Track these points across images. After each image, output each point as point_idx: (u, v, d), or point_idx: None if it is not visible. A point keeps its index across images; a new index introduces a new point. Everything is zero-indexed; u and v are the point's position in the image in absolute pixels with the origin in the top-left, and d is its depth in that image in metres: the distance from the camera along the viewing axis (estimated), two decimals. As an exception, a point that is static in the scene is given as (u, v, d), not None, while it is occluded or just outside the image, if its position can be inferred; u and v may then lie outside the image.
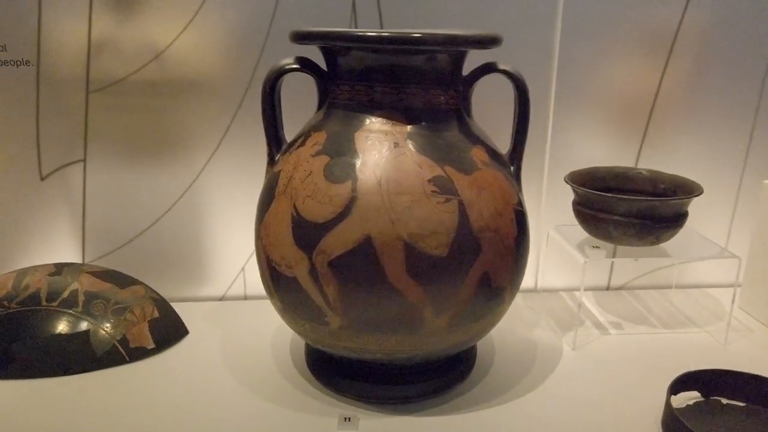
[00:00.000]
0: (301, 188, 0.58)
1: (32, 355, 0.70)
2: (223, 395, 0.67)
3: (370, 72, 0.59)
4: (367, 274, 0.55)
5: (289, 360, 0.75)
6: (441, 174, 0.56)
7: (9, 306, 0.73)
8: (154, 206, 0.86)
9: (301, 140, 0.62)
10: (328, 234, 0.55)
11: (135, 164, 0.84)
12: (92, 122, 0.82)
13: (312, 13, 0.80)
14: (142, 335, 0.75)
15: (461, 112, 0.62)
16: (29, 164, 0.82)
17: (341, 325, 0.58)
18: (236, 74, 0.82)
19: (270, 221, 0.60)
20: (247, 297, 0.92)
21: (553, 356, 0.76)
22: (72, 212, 0.85)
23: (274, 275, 0.61)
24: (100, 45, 0.79)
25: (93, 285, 0.77)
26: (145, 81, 0.81)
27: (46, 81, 0.79)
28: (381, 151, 0.57)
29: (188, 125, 0.83)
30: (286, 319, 0.63)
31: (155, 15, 0.78)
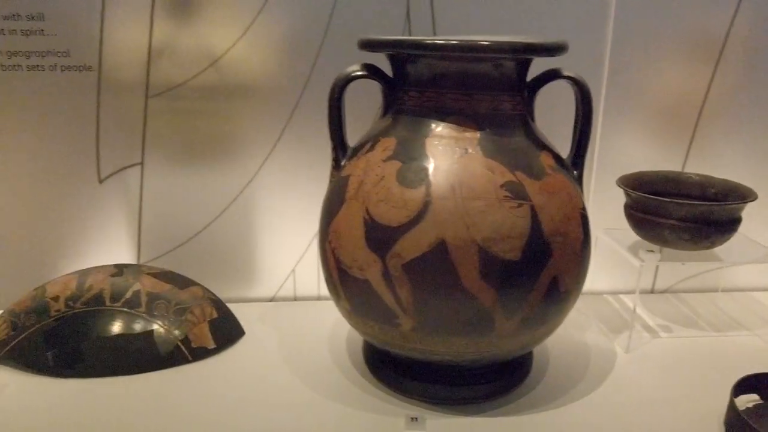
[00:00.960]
0: (374, 192, 0.59)
1: (99, 355, 0.72)
2: (287, 394, 0.69)
3: (438, 78, 0.61)
4: (440, 277, 0.56)
5: (347, 359, 0.76)
6: (513, 179, 0.57)
7: (74, 306, 0.75)
8: (208, 209, 0.88)
9: (369, 145, 0.63)
10: (402, 237, 0.57)
11: (190, 167, 0.86)
12: (150, 126, 0.83)
13: (366, 20, 0.81)
14: (203, 335, 0.77)
15: (526, 118, 0.63)
16: (89, 167, 0.84)
17: (413, 327, 0.59)
18: (291, 80, 0.83)
19: (340, 224, 0.62)
20: (296, 298, 0.93)
21: (607, 359, 0.77)
22: (129, 214, 0.87)
23: (343, 277, 0.62)
24: (160, 51, 0.80)
25: (154, 286, 0.78)
26: (202, 86, 0.83)
27: (107, 86, 0.81)
28: (453, 156, 0.58)
29: (243, 129, 0.85)
30: (353, 320, 0.65)
31: (213, 22, 0.80)
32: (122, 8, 0.78)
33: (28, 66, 0.79)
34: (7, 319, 0.75)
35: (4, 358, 0.73)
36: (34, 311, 0.75)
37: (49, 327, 0.73)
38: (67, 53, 0.79)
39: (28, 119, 0.81)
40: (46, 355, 0.72)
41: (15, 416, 0.64)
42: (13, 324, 0.74)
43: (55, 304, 0.75)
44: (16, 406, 0.66)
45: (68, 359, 0.72)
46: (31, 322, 0.74)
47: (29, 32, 0.77)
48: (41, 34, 0.77)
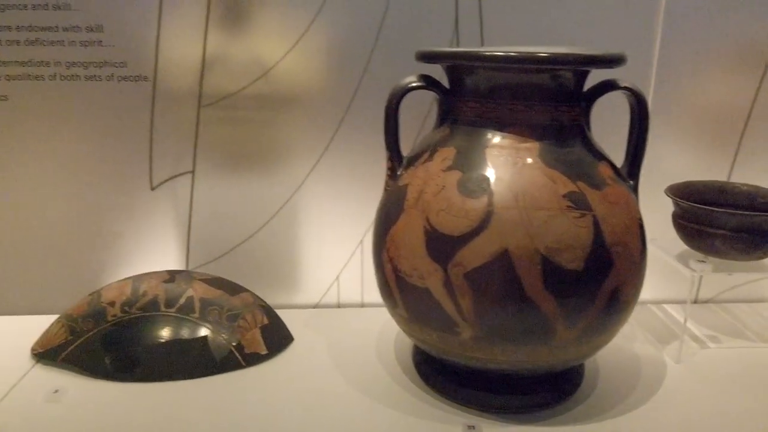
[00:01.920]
0: (434, 202, 0.60)
1: (156, 359, 0.73)
2: (341, 400, 0.70)
3: (498, 89, 0.61)
4: (503, 286, 0.57)
5: (396, 366, 0.77)
6: (575, 189, 0.58)
7: (130, 311, 0.76)
8: (255, 216, 0.89)
9: (427, 155, 0.64)
10: (464, 247, 0.57)
11: (239, 175, 0.87)
12: (202, 135, 0.85)
13: (415, 31, 0.82)
14: (256, 341, 0.78)
15: (584, 129, 0.64)
16: (141, 175, 0.86)
17: (473, 336, 0.59)
18: (339, 90, 0.84)
19: (399, 233, 0.62)
20: (340, 305, 0.94)
21: (657, 370, 0.76)
22: (179, 221, 0.88)
23: (401, 285, 0.63)
24: (213, 62, 0.82)
25: (206, 292, 0.80)
26: (253, 96, 0.84)
27: (162, 96, 0.83)
28: (514, 166, 0.58)
29: (291, 139, 0.86)
30: (409, 328, 0.65)
31: (265, 34, 0.82)
32: (178, 20, 0.80)
33: (86, 76, 0.81)
34: (65, 323, 0.77)
35: (63, 361, 0.74)
36: (91, 316, 0.76)
37: (107, 332, 0.75)
38: (123, 64, 0.81)
39: (84, 128, 0.83)
40: (104, 359, 0.73)
41: (75, 419, 0.66)
42: (71, 328, 0.76)
43: (112, 309, 0.77)
44: (76, 409, 0.68)
45: (126, 363, 0.73)
46: (88, 326, 0.76)
47: (88, 43, 0.79)
48: (99, 46, 0.80)
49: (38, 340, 0.78)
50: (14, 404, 0.68)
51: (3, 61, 0.79)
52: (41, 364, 0.76)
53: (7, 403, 0.68)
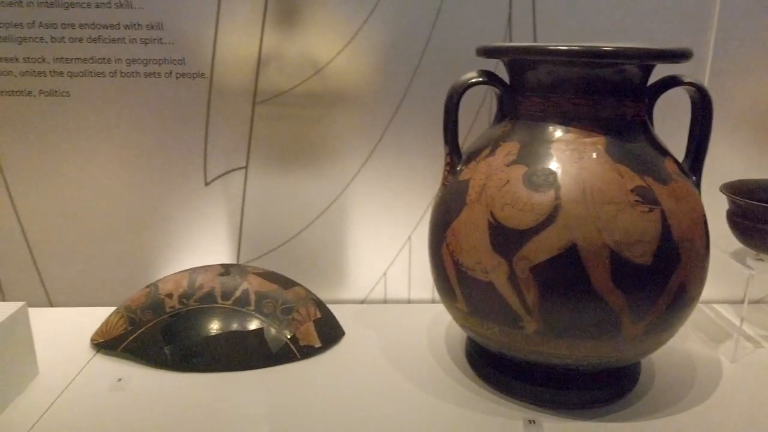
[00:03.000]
0: (498, 196, 0.60)
1: (214, 350, 0.75)
2: (397, 394, 0.70)
3: (562, 84, 0.61)
4: (571, 280, 0.57)
5: (449, 360, 0.77)
6: (642, 184, 0.58)
7: (188, 303, 0.78)
8: (306, 212, 0.90)
9: (489, 150, 0.64)
10: (531, 241, 0.57)
11: (291, 171, 0.88)
12: (256, 131, 0.86)
13: (468, 29, 0.83)
14: (310, 334, 0.79)
15: (647, 124, 0.64)
16: (196, 170, 0.87)
17: (537, 330, 0.60)
18: (391, 88, 0.85)
19: (461, 227, 0.63)
20: (386, 301, 0.95)
21: (713, 369, 0.76)
22: (231, 216, 0.90)
23: (462, 279, 0.63)
24: (268, 59, 0.83)
25: (261, 285, 0.81)
26: (306, 93, 0.85)
27: (218, 93, 0.84)
28: (581, 161, 0.59)
29: (343, 135, 0.87)
30: (469, 322, 0.66)
31: (319, 33, 0.83)
32: (235, 19, 0.81)
33: (146, 73, 0.82)
34: (124, 314, 0.79)
35: (123, 351, 0.76)
36: (150, 308, 0.78)
37: (166, 323, 0.76)
38: (182, 61, 0.82)
39: (142, 124, 0.85)
40: (164, 349, 0.75)
41: (139, 407, 0.67)
42: (131, 319, 0.78)
43: (170, 301, 0.78)
44: (140, 397, 0.69)
45: (185, 354, 0.74)
46: (147, 317, 0.77)
47: (148, 41, 0.81)
48: (159, 43, 0.81)
49: (98, 331, 0.80)
50: (80, 392, 0.70)
51: (66, 58, 0.81)
52: (102, 354, 0.78)
53: (73, 390, 0.70)
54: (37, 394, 0.69)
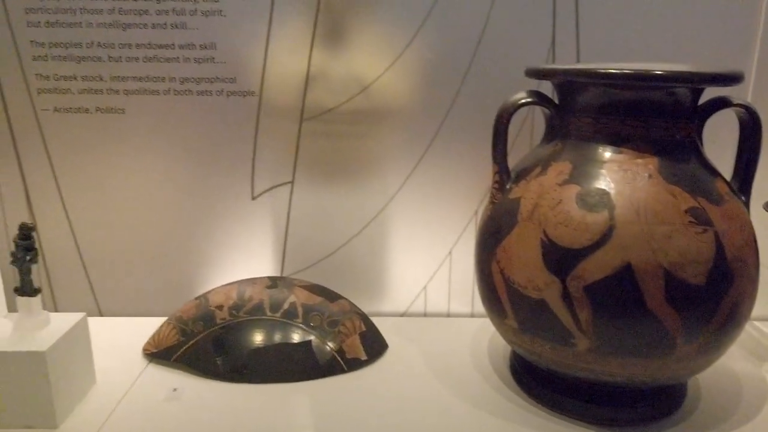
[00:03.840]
0: (551, 215, 0.61)
1: (263, 362, 0.77)
2: (443, 408, 0.71)
3: (613, 105, 0.63)
4: (625, 299, 0.58)
5: (493, 375, 0.78)
6: (696, 205, 0.58)
7: (238, 315, 0.80)
8: (349, 226, 0.92)
9: (539, 170, 0.66)
10: (585, 260, 0.59)
11: (335, 186, 0.90)
12: (302, 147, 0.89)
13: (511, 49, 0.84)
14: (356, 347, 0.80)
15: (698, 145, 0.65)
16: (244, 185, 0.90)
17: (589, 348, 0.60)
18: (434, 106, 0.87)
19: (512, 245, 0.64)
20: (426, 314, 0.96)
21: (759, 388, 0.76)
22: (276, 230, 0.92)
23: (513, 296, 0.64)
24: (316, 78, 0.86)
25: (307, 298, 0.83)
26: (351, 110, 0.87)
27: (266, 110, 0.87)
28: (634, 181, 0.60)
29: (386, 152, 0.89)
30: (519, 339, 0.67)
31: (366, 52, 0.85)
32: (285, 39, 0.84)
33: (198, 91, 0.85)
34: (176, 325, 0.81)
35: (176, 361, 0.78)
36: (201, 319, 0.80)
37: (217, 334, 0.78)
38: (233, 80, 0.85)
39: (193, 140, 0.87)
40: (215, 360, 0.77)
41: (194, 417, 0.69)
42: (182, 330, 0.80)
43: (220, 313, 0.80)
44: (193, 407, 0.71)
45: (235, 365, 0.76)
46: (198, 328, 0.79)
47: (201, 60, 0.84)
48: (212, 63, 0.84)
49: (150, 341, 0.82)
50: (136, 401, 0.72)
51: (122, 76, 0.84)
52: (154, 364, 0.80)
53: (130, 399, 0.72)
54: (95, 403, 0.71)
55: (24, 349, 0.65)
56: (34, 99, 0.85)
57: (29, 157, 0.88)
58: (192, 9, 0.82)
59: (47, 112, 0.86)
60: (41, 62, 0.84)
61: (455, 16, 0.83)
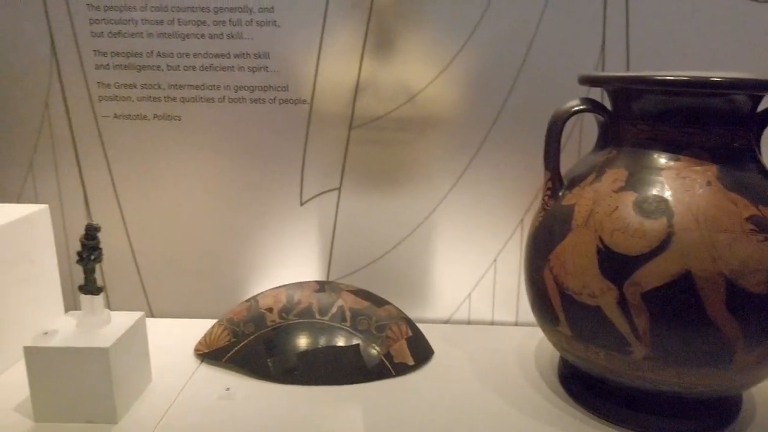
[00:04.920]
0: (608, 222, 0.61)
1: (313, 364, 0.78)
2: (492, 414, 0.71)
3: (670, 112, 0.63)
4: (684, 307, 0.57)
5: (541, 382, 0.78)
6: (757, 213, 0.58)
7: (287, 318, 0.81)
8: (394, 233, 0.93)
9: (593, 176, 0.66)
10: (643, 267, 0.58)
11: (382, 193, 0.92)
12: (350, 154, 0.90)
13: (561, 57, 0.85)
14: (403, 352, 0.81)
15: (756, 152, 0.64)
16: (293, 191, 0.92)
17: (645, 356, 0.60)
18: (482, 115, 0.88)
19: (566, 252, 0.64)
20: (470, 322, 0.96)
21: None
22: (323, 235, 0.93)
23: (567, 303, 0.64)
24: (365, 86, 0.87)
25: (355, 303, 0.84)
26: (399, 118, 0.89)
27: (317, 118, 0.89)
28: (693, 189, 0.59)
29: (433, 159, 0.90)
30: (572, 346, 0.66)
31: (414, 62, 0.86)
32: (336, 49, 0.86)
33: (251, 99, 0.88)
34: (227, 327, 0.83)
35: (227, 362, 0.80)
36: (252, 321, 0.82)
37: (268, 336, 0.80)
38: (285, 88, 0.87)
39: (245, 147, 0.90)
40: (266, 361, 0.78)
41: (247, 416, 0.71)
42: (233, 332, 0.82)
43: (270, 315, 0.82)
44: (246, 407, 0.72)
45: (285, 367, 0.78)
46: (250, 330, 0.81)
47: (255, 69, 0.86)
48: (266, 71, 0.86)
49: (201, 341, 0.84)
50: (191, 400, 0.74)
51: (179, 84, 0.87)
52: (206, 364, 0.82)
53: (184, 398, 0.74)
54: (152, 400, 0.73)
55: (88, 345, 0.67)
56: (96, 106, 0.89)
57: (89, 161, 0.91)
58: (248, 19, 0.84)
59: (107, 119, 0.89)
60: (103, 71, 0.87)
61: (504, 26, 0.84)
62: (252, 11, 0.84)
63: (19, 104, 0.89)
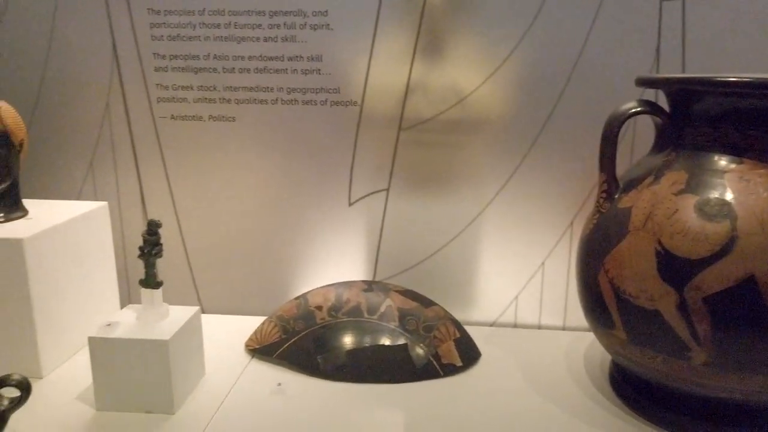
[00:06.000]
0: (667, 225, 0.60)
1: (362, 362, 0.79)
2: (541, 417, 0.71)
3: (732, 114, 0.61)
4: (747, 312, 0.56)
5: (591, 386, 0.77)
6: (825, 217, 0.56)
7: (336, 316, 0.83)
8: (441, 234, 0.94)
9: (651, 179, 0.65)
10: (704, 271, 0.57)
11: (430, 194, 0.92)
12: (398, 156, 0.91)
13: (614, 58, 0.84)
14: (451, 352, 0.81)
15: (821, 156, 0.62)
16: (341, 192, 0.93)
17: (706, 362, 0.59)
18: (532, 117, 0.87)
19: (623, 255, 0.64)
20: (516, 325, 0.96)
21: None
22: (370, 235, 0.94)
23: (623, 307, 0.64)
24: (415, 88, 0.88)
25: (403, 303, 0.85)
26: (448, 121, 0.89)
27: (367, 119, 0.90)
28: (757, 192, 0.58)
29: (481, 162, 0.90)
30: (628, 350, 0.66)
31: (464, 65, 0.87)
32: (388, 51, 0.87)
33: (303, 101, 0.89)
34: (277, 323, 0.85)
35: (278, 358, 0.82)
36: (302, 318, 0.83)
37: (317, 334, 0.81)
38: (337, 90, 0.89)
39: (295, 148, 0.91)
40: (316, 358, 0.79)
41: (298, 411, 0.72)
42: (284, 328, 0.83)
43: (320, 313, 0.83)
44: (297, 402, 0.74)
45: (335, 363, 0.79)
46: (300, 327, 0.83)
47: (308, 71, 0.88)
48: (318, 74, 0.88)
49: (252, 337, 0.86)
50: (243, 394, 0.75)
51: (234, 86, 0.90)
52: (257, 359, 0.83)
53: (237, 391, 0.76)
54: (206, 393, 0.75)
55: (149, 337, 0.69)
56: (154, 107, 0.92)
57: (146, 160, 0.94)
58: (302, 23, 0.86)
59: (165, 120, 0.92)
60: (161, 73, 0.90)
61: (556, 28, 0.84)
62: (306, 15, 0.86)
63: (82, 105, 0.93)
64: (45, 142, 0.94)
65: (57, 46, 0.91)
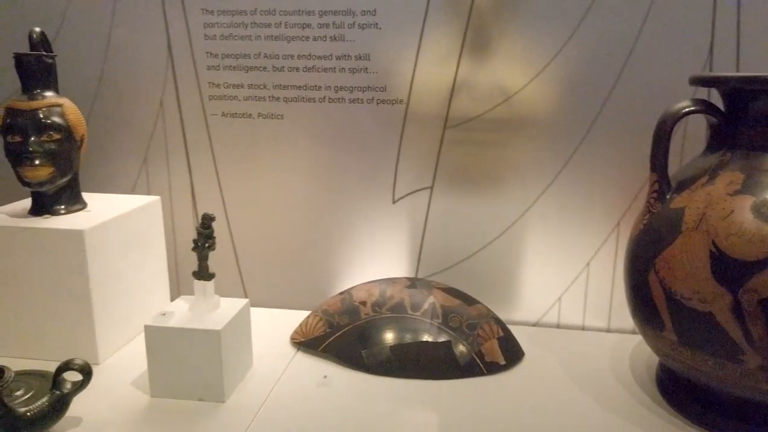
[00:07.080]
0: (722, 226, 0.59)
1: (405, 358, 0.80)
2: (586, 417, 0.71)
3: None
4: (806, 316, 0.55)
5: (637, 388, 0.76)
6: None
7: (380, 311, 0.84)
8: (484, 233, 0.94)
9: (705, 179, 0.64)
10: (760, 273, 0.56)
11: (474, 193, 0.92)
12: (443, 154, 0.91)
13: (665, 57, 0.83)
14: (494, 351, 0.81)
15: None
16: (385, 189, 0.94)
17: (760, 366, 0.58)
18: (579, 117, 0.87)
19: (675, 256, 0.63)
20: (559, 326, 0.95)
21: None
22: (413, 233, 0.95)
23: (674, 308, 0.63)
24: (461, 87, 0.89)
25: (446, 300, 0.85)
26: (493, 119, 0.89)
27: (412, 118, 0.91)
28: (818, 194, 0.57)
29: (526, 161, 0.90)
30: (678, 352, 0.65)
31: (511, 64, 0.87)
32: (434, 50, 0.87)
33: (350, 99, 0.91)
34: (322, 317, 0.86)
35: (323, 351, 0.83)
36: (346, 313, 0.85)
37: (361, 328, 0.82)
38: (383, 89, 0.90)
39: (341, 145, 0.93)
40: (360, 353, 0.81)
41: (344, 404, 0.73)
42: (329, 322, 0.85)
43: (364, 308, 0.84)
44: (342, 394, 0.75)
45: (379, 358, 0.80)
46: (344, 322, 0.84)
47: (355, 70, 0.89)
48: (365, 72, 0.89)
49: (298, 330, 0.88)
50: (290, 385, 0.77)
51: (283, 85, 0.92)
52: (303, 352, 0.85)
53: (283, 383, 0.78)
54: (254, 383, 0.77)
55: (201, 327, 0.72)
56: (205, 105, 0.95)
57: (197, 156, 0.97)
58: (350, 22, 0.88)
59: (215, 117, 0.95)
60: (214, 71, 0.93)
61: (606, 27, 0.83)
62: (355, 14, 0.87)
63: (137, 102, 0.96)
64: (102, 138, 0.98)
65: (115, 45, 0.94)
